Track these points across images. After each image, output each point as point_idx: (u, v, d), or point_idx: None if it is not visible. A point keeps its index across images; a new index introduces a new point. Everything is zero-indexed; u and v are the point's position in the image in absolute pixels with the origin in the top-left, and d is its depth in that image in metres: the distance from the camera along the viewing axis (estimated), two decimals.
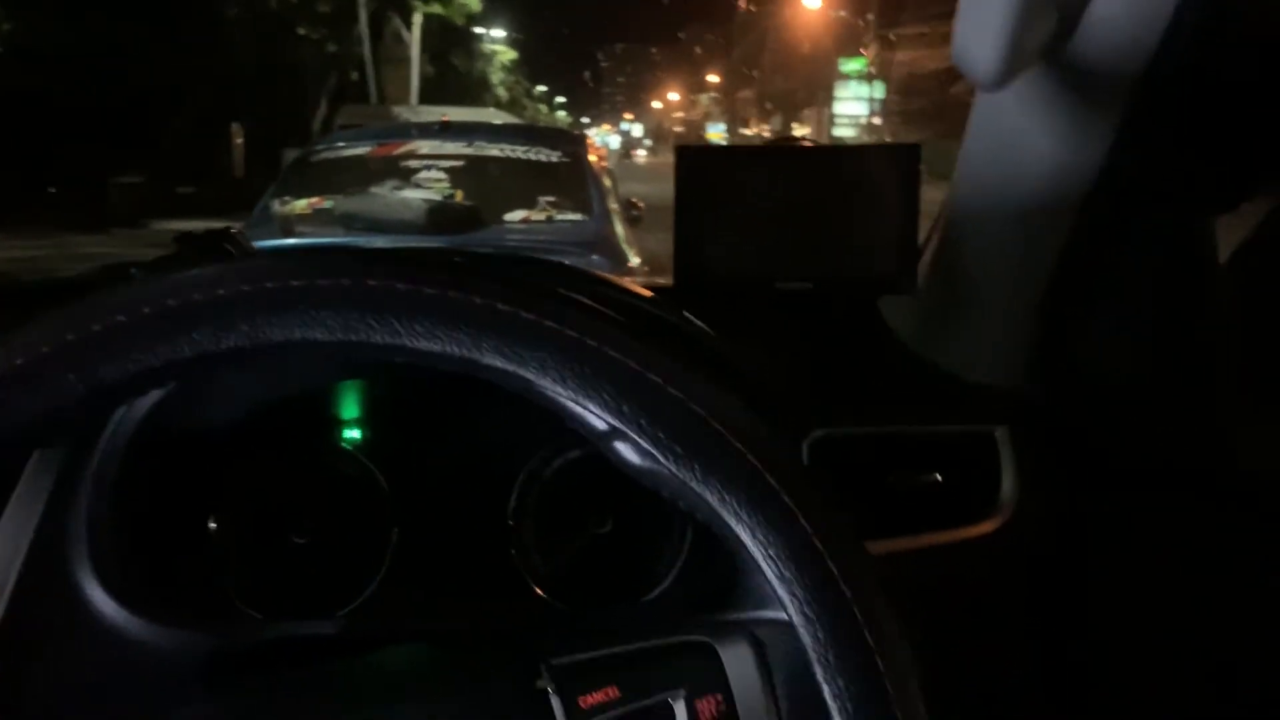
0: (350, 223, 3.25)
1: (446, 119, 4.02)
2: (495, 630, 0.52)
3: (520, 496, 0.71)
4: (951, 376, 0.79)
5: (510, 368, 0.37)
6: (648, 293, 0.73)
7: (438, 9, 17.94)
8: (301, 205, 3.44)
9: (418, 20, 17.49)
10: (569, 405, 0.38)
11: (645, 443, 0.37)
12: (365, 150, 3.69)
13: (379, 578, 0.68)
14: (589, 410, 0.38)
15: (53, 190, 10.64)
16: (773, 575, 0.37)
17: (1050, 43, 0.56)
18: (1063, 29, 0.56)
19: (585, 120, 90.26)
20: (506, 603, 0.70)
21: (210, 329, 0.36)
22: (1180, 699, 0.75)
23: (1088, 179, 0.65)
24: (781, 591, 0.37)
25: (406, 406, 0.71)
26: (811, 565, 0.36)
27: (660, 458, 0.37)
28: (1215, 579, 0.75)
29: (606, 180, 3.72)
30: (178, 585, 0.63)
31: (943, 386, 0.79)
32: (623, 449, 0.38)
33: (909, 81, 26.38)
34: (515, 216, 3.40)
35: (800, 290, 0.75)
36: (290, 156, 4.32)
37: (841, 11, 33.52)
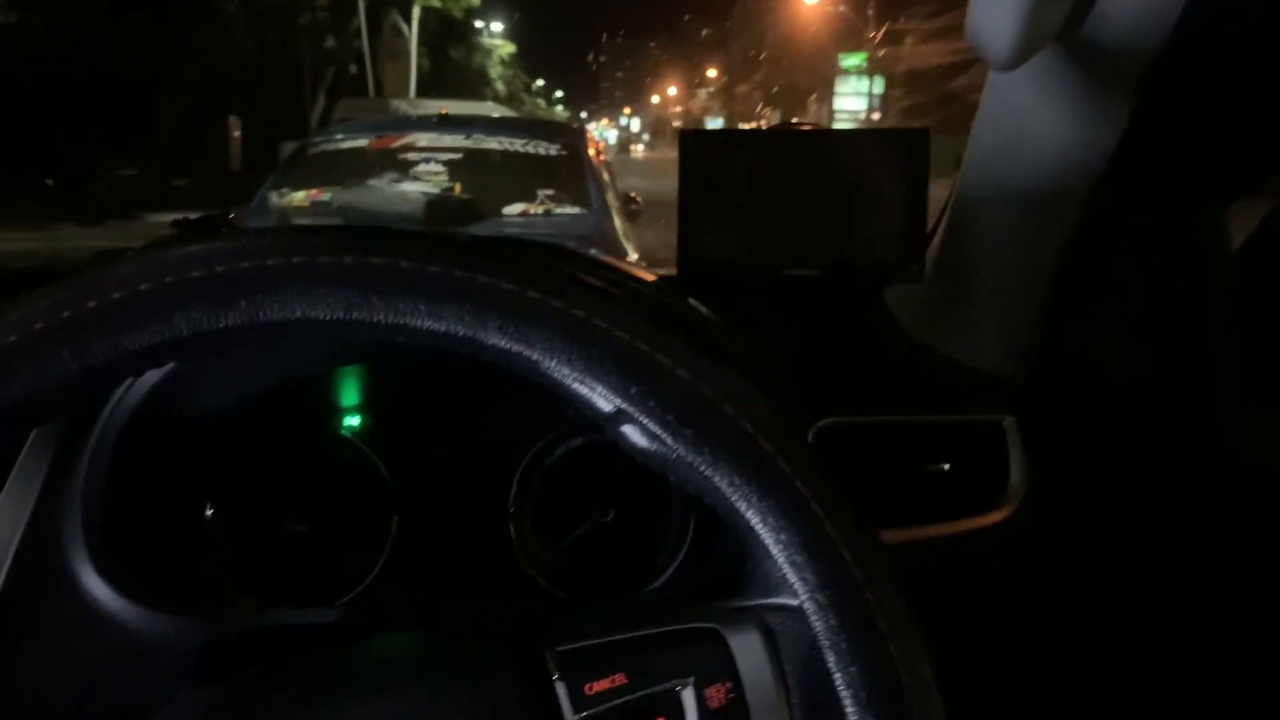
0: (348, 215, 3.24)
1: (445, 112, 4.01)
2: (496, 618, 0.51)
3: (521, 485, 0.70)
4: (956, 365, 0.79)
5: (515, 348, 0.36)
6: (652, 277, 0.72)
7: (436, 2, 17.87)
8: (299, 197, 3.42)
9: (416, 13, 17.43)
10: (574, 387, 0.37)
11: (654, 425, 0.36)
12: (363, 143, 3.67)
13: (378, 566, 0.68)
14: (595, 392, 0.37)
15: (50, 182, 10.59)
16: (784, 561, 0.36)
17: (1065, 24, 0.55)
18: (1077, 10, 0.56)
19: (584, 114, 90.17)
20: (507, 591, 0.69)
21: (208, 306, 0.35)
22: (1181, 694, 0.74)
23: (1097, 165, 0.65)
24: (793, 577, 0.36)
25: (407, 394, 0.70)
26: (823, 551, 0.36)
27: (669, 441, 0.36)
28: (1216, 574, 0.74)
29: (605, 174, 3.71)
30: (173, 572, 0.62)
31: (948, 376, 0.78)
32: (630, 432, 0.37)
33: (908, 76, 26.37)
34: (513, 210, 3.39)
35: (807, 277, 0.74)
36: (288, 148, 4.30)
37: (841, 6, 33.49)
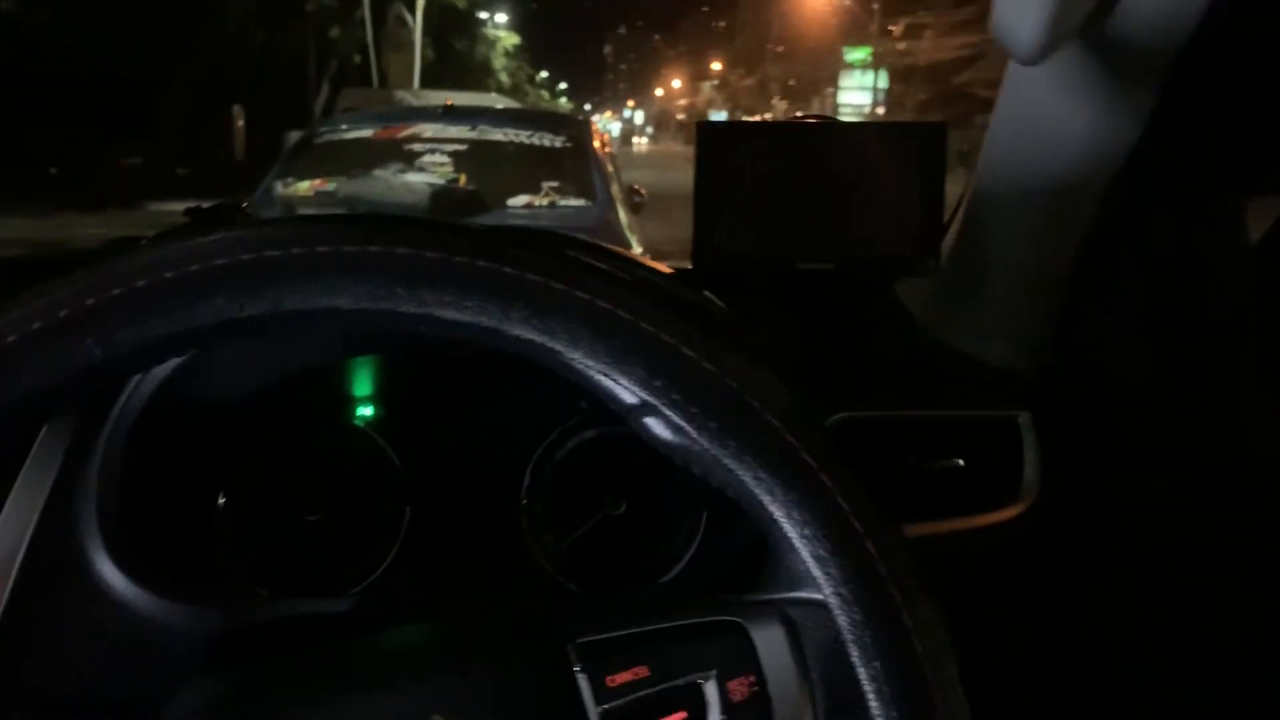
0: (353, 205, 3.24)
1: (450, 102, 4.00)
2: (510, 610, 0.51)
3: (534, 477, 0.70)
4: (970, 360, 0.78)
5: (540, 339, 0.36)
6: (668, 270, 0.71)
7: None
8: (304, 187, 3.42)
9: (420, 3, 17.37)
10: (598, 379, 0.37)
11: (678, 418, 0.36)
12: (368, 133, 3.67)
13: (391, 557, 0.67)
14: (619, 384, 0.36)
15: (53, 171, 10.58)
16: (808, 555, 0.36)
17: (1090, 19, 0.55)
18: (1102, 5, 0.55)
19: (587, 107, 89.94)
20: (518, 583, 0.69)
21: (233, 295, 0.34)
22: (1192, 692, 0.74)
23: (1117, 159, 0.64)
24: (817, 571, 0.36)
25: (420, 385, 0.70)
26: (849, 546, 0.35)
27: (693, 433, 0.36)
28: (1230, 572, 0.74)
29: (609, 166, 3.70)
30: (187, 560, 0.62)
31: (962, 371, 0.78)
32: (653, 424, 0.37)
33: (912, 71, 26.29)
34: (518, 201, 3.39)
35: (821, 271, 0.73)
36: (293, 138, 4.29)
37: (846, 0, 33.36)
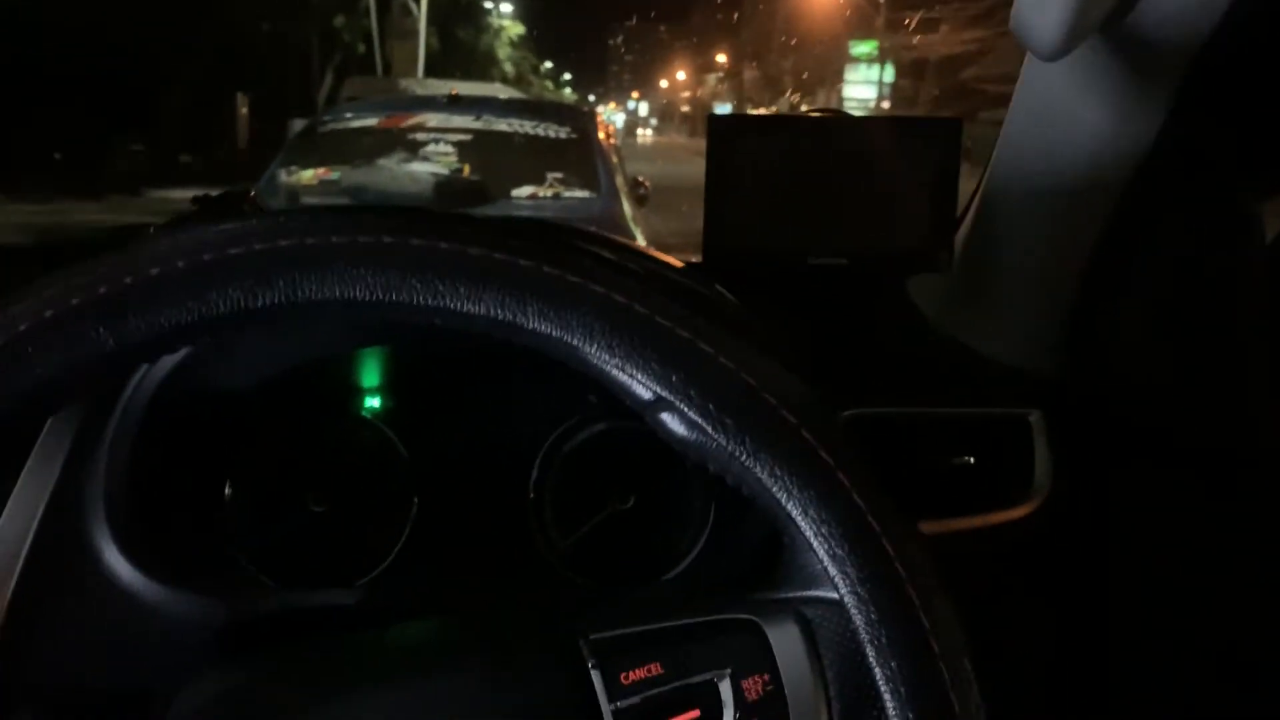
0: (357, 194, 3.23)
1: (455, 92, 3.99)
2: (520, 604, 0.51)
3: (542, 469, 0.69)
4: (981, 358, 0.78)
5: (555, 333, 0.35)
6: (679, 263, 0.71)
7: None
8: (308, 176, 3.41)
9: None
10: (613, 373, 0.36)
11: (694, 414, 0.36)
12: (373, 122, 3.66)
13: (398, 548, 0.67)
14: (635, 379, 0.36)
15: (58, 156, 10.55)
16: (824, 553, 0.35)
17: (1111, 14, 0.54)
18: (1125, 1, 0.54)
19: (591, 98, 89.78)
20: (525, 577, 0.69)
21: (247, 285, 0.34)
22: (1205, 691, 0.74)
23: (1136, 155, 0.64)
24: (833, 570, 0.35)
25: (429, 376, 0.70)
26: (865, 544, 0.35)
27: (709, 430, 0.36)
28: (1245, 571, 0.73)
29: (614, 158, 3.69)
30: (194, 551, 0.62)
31: (973, 368, 0.78)
32: (669, 420, 0.37)
33: (920, 66, 26.22)
34: (523, 192, 3.38)
35: (832, 266, 0.73)
36: (297, 126, 4.29)
37: None
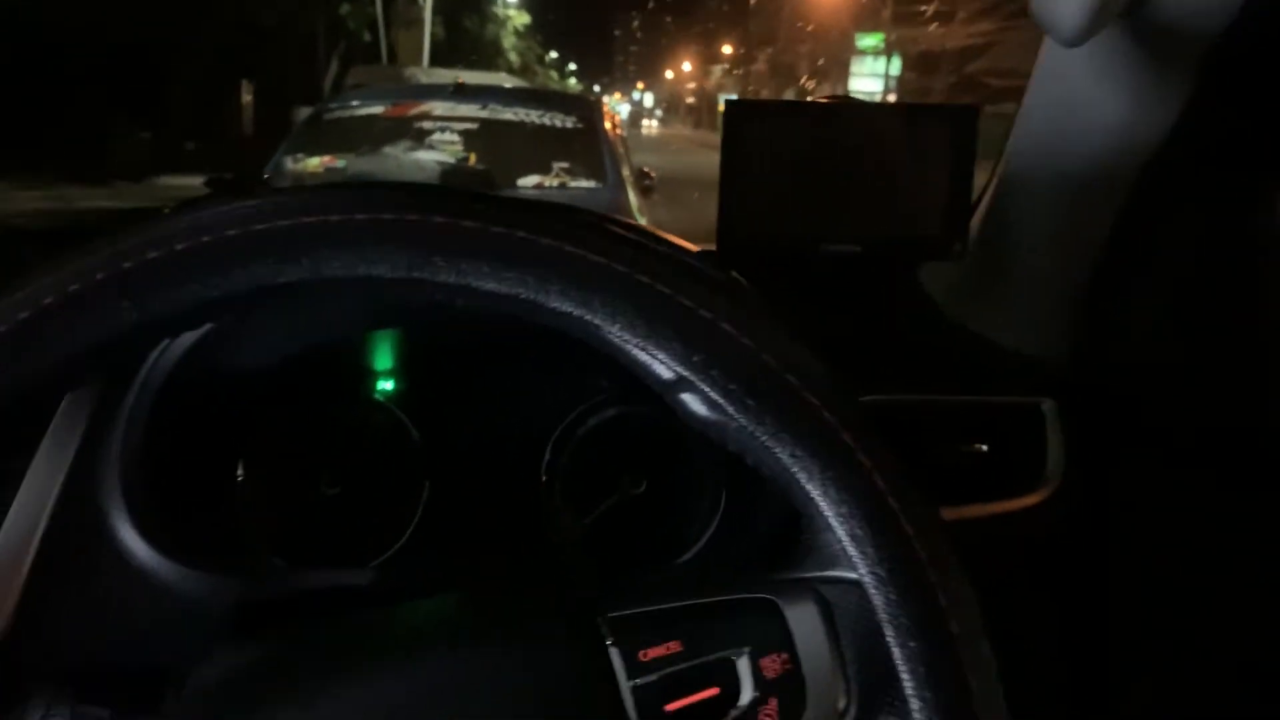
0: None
1: (461, 81, 3.99)
2: (535, 583, 0.51)
3: (554, 454, 0.69)
4: (994, 346, 0.78)
5: (578, 312, 0.35)
6: (694, 248, 0.71)
7: None
8: (314, 163, 3.40)
9: None
10: (634, 353, 0.36)
11: (716, 395, 0.36)
12: (379, 110, 3.66)
13: (410, 531, 0.67)
14: (656, 359, 0.36)
15: (64, 143, 10.54)
16: (844, 534, 0.35)
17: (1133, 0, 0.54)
18: None
19: (597, 88, 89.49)
20: (537, 560, 0.69)
21: (270, 261, 0.34)
22: (1216, 684, 0.74)
23: (1152, 144, 0.64)
24: (852, 551, 0.35)
25: (441, 359, 0.70)
26: (885, 525, 0.35)
27: (731, 411, 0.36)
28: (1257, 563, 0.73)
29: (620, 148, 3.69)
30: (208, 531, 0.62)
31: (986, 356, 0.78)
32: (690, 400, 0.37)
33: (927, 58, 26.12)
34: (529, 181, 3.38)
35: (846, 253, 0.73)
36: (302, 114, 4.28)
37: None
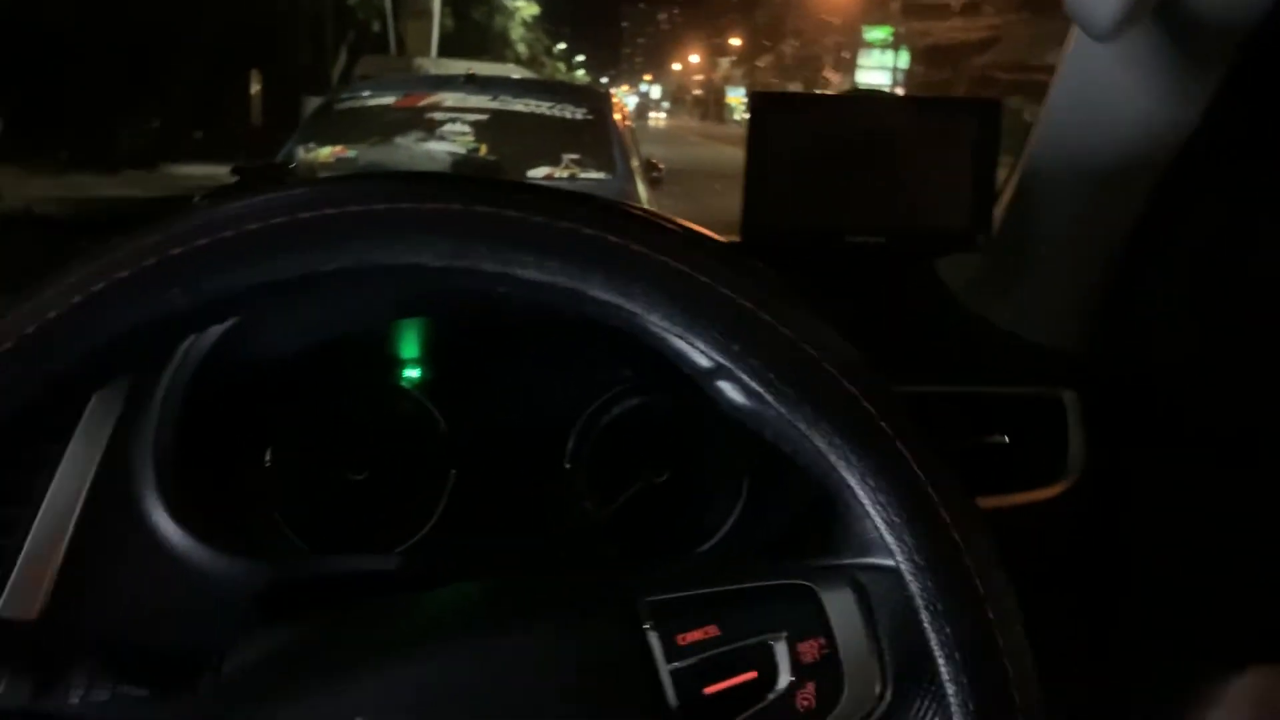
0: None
1: (471, 71, 3.98)
2: (555, 571, 0.51)
3: (578, 442, 0.70)
4: (1015, 337, 0.78)
5: (618, 301, 0.36)
6: (720, 238, 0.71)
7: None
8: (325, 153, 3.41)
9: None
10: (673, 342, 0.37)
11: (754, 383, 0.36)
12: (390, 100, 3.66)
13: (435, 518, 0.68)
14: (695, 348, 0.36)
15: (73, 131, 10.55)
16: (881, 521, 0.36)
17: None
18: None
19: (604, 80, 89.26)
20: (561, 547, 0.70)
21: (317, 250, 0.35)
22: (1236, 671, 0.74)
23: (1179, 138, 0.64)
24: (890, 538, 0.36)
25: (467, 348, 0.71)
26: (922, 512, 0.36)
27: (769, 399, 0.36)
28: (1276, 550, 0.74)
29: (629, 140, 3.69)
30: (238, 516, 0.63)
31: (1007, 347, 0.78)
32: (727, 388, 0.37)
33: (935, 52, 26.00)
34: (539, 173, 3.38)
35: (869, 245, 0.73)
36: (313, 104, 4.27)
37: None
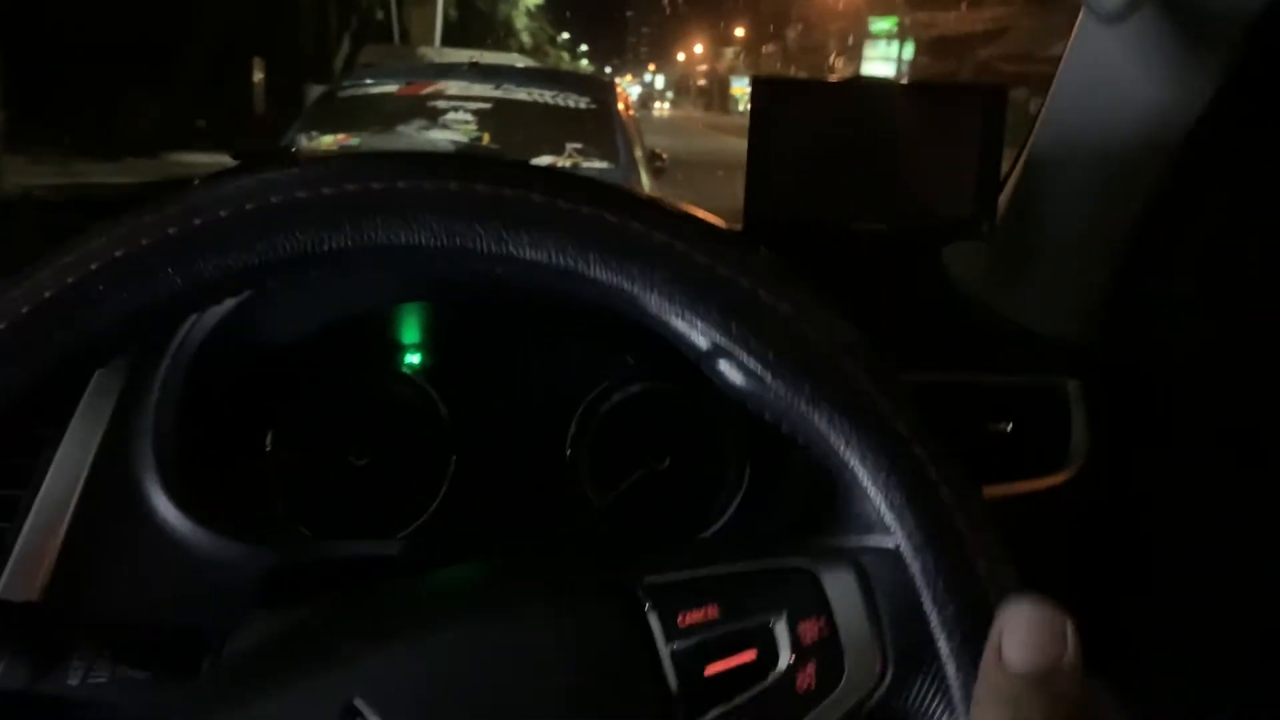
0: None
1: (475, 60, 3.97)
2: (567, 551, 0.51)
3: (579, 428, 0.70)
4: (1019, 325, 0.78)
5: (616, 281, 0.36)
6: (723, 224, 0.71)
7: None
8: (328, 141, 3.40)
9: None
10: (672, 322, 0.37)
11: (753, 363, 0.36)
12: (393, 88, 3.65)
13: (436, 503, 0.68)
14: (694, 328, 0.36)
15: (75, 116, 10.54)
16: (882, 502, 0.36)
17: None
18: None
19: (608, 70, 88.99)
20: (562, 533, 0.69)
21: (314, 228, 0.34)
22: (1240, 667, 0.74)
23: (1187, 125, 0.63)
24: (890, 519, 0.35)
25: (468, 334, 0.70)
26: (923, 493, 0.35)
27: (768, 379, 0.36)
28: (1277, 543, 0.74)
29: (633, 129, 3.68)
30: (238, 500, 0.63)
31: (1010, 336, 0.77)
32: (726, 369, 0.37)
33: (940, 43, 25.91)
34: (542, 162, 3.37)
35: (873, 232, 0.72)
36: (315, 92, 4.27)
37: None
